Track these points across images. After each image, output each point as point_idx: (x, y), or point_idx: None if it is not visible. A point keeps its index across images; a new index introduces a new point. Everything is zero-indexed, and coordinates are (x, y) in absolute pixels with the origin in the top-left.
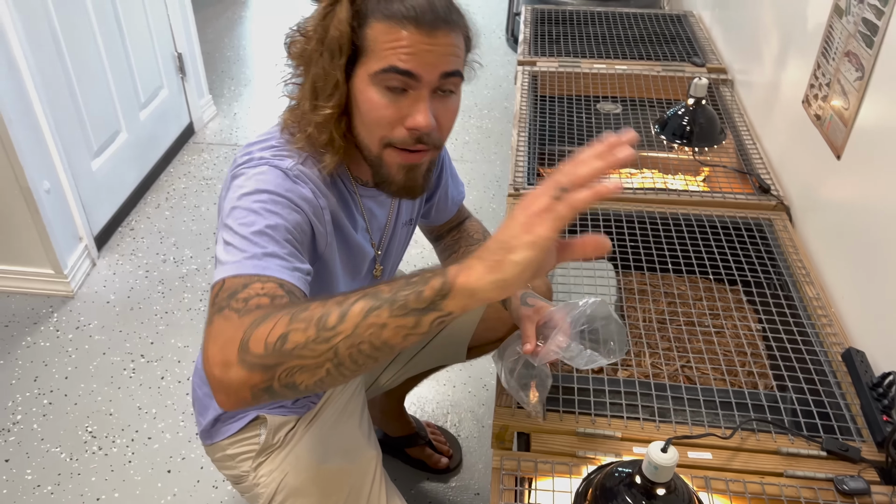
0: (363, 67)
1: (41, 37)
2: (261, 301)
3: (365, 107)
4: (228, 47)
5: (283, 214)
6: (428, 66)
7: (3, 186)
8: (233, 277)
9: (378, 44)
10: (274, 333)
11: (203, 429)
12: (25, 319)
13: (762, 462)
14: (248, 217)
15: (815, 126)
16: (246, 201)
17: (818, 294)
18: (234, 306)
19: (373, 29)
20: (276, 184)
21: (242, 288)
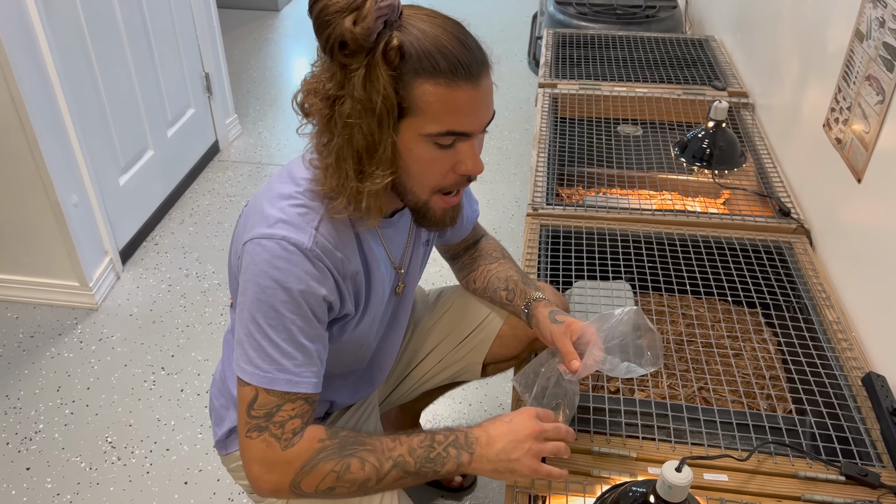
0: (412, 127)
1: (74, 55)
2: (294, 424)
3: (417, 164)
4: (254, 68)
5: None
6: (478, 122)
7: (33, 199)
8: (265, 391)
9: (430, 106)
10: (324, 484)
11: (219, 439)
12: (50, 330)
13: (779, 485)
14: (275, 319)
15: (835, 149)
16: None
17: (838, 318)
18: (274, 432)
19: (421, 90)
20: (298, 276)
21: (276, 410)
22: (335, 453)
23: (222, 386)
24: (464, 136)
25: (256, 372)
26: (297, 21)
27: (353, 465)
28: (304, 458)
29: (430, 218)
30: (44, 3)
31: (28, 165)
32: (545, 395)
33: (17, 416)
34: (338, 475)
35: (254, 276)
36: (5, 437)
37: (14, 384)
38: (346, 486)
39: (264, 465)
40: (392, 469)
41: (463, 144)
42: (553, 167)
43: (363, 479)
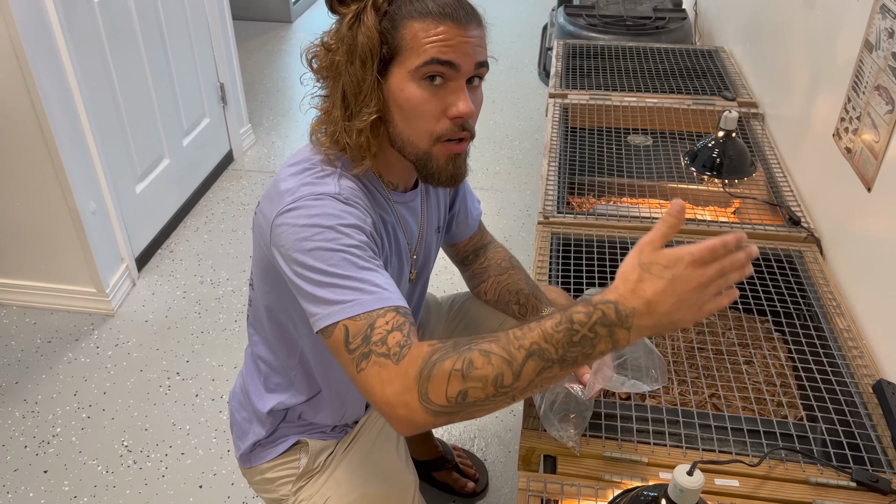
0: (400, 67)
1: (93, 66)
2: (395, 337)
3: (407, 104)
4: (268, 78)
5: (355, 238)
6: (466, 56)
7: (53, 207)
8: (350, 320)
9: (416, 40)
10: (452, 389)
11: (242, 453)
12: (67, 336)
13: (790, 491)
14: (329, 256)
15: (845, 159)
16: (318, 240)
17: (849, 326)
18: (379, 351)
19: (408, 29)
20: (335, 214)
21: (370, 329)
22: (450, 351)
23: (244, 399)
24: (450, 69)
25: (333, 309)
26: (310, 33)
27: (476, 360)
28: (418, 363)
29: (435, 171)
30: (65, 15)
31: (48, 173)
32: (553, 407)
33: (35, 419)
34: (462, 374)
35: (295, 234)
36: (23, 440)
37: (32, 388)
38: (479, 387)
39: (385, 387)
40: (529, 359)
41: (452, 84)
42: (564, 176)
43: (495, 375)
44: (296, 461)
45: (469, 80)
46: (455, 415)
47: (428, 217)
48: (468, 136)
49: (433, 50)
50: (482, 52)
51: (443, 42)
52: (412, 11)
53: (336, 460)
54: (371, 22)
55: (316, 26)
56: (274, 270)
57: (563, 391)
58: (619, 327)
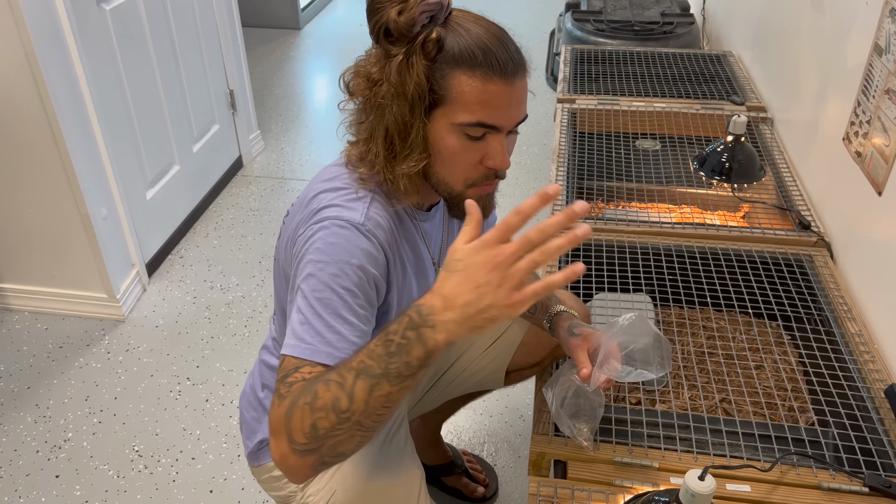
0: (445, 116)
1: (105, 73)
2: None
3: (447, 152)
4: (277, 85)
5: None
6: (509, 117)
7: (65, 213)
8: (292, 357)
9: (464, 96)
10: (305, 424)
11: (250, 451)
12: (79, 341)
13: (802, 496)
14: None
15: (855, 163)
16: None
17: (860, 330)
18: (282, 391)
19: (456, 80)
20: (348, 250)
21: (294, 371)
22: (307, 388)
23: (253, 398)
24: (493, 130)
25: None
26: (318, 39)
27: (319, 390)
28: (287, 403)
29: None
30: (77, 23)
31: (60, 180)
32: (564, 404)
33: (47, 424)
34: (310, 406)
35: (309, 252)
36: (35, 445)
37: (44, 393)
38: (323, 416)
39: (271, 432)
40: (357, 379)
41: (492, 138)
42: (572, 181)
43: (332, 401)
44: None
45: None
46: (317, 451)
47: (450, 232)
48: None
49: (480, 113)
50: (524, 107)
51: (490, 105)
52: (461, 61)
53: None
54: (421, 68)
55: (324, 33)
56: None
57: (573, 386)
58: (424, 327)
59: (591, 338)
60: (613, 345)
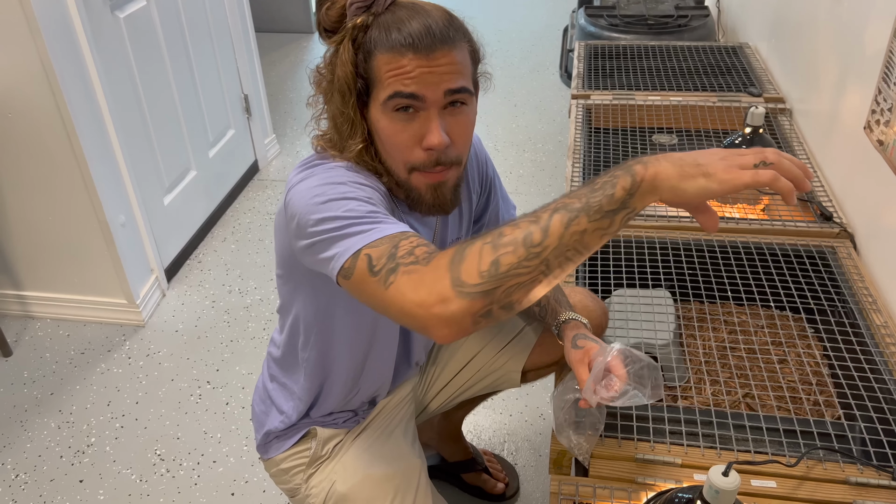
0: (375, 99)
1: (120, 81)
2: (424, 249)
3: (382, 135)
4: (291, 89)
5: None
6: (431, 85)
7: (84, 220)
8: (371, 247)
9: (382, 74)
10: (484, 262)
11: (259, 443)
12: (100, 347)
13: (830, 492)
14: (343, 203)
15: (877, 152)
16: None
17: (886, 322)
18: (407, 261)
19: (377, 61)
20: (346, 175)
21: (395, 248)
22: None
23: (264, 393)
24: (415, 100)
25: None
26: None
27: (504, 229)
28: (449, 254)
29: (417, 199)
30: (92, 31)
31: (78, 188)
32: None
33: (70, 430)
34: (492, 244)
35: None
36: (59, 450)
37: (66, 399)
38: (510, 251)
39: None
40: (554, 214)
41: (423, 114)
42: (588, 177)
43: (524, 236)
44: (307, 451)
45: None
46: (491, 294)
47: (443, 229)
48: (447, 167)
49: (396, 83)
50: (455, 79)
51: (404, 75)
52: (381, 44)
53: (345, 448)
54: (348, 56)
55: None
56: (290, 256)
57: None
58: (636, 164)
59: (592, 352)
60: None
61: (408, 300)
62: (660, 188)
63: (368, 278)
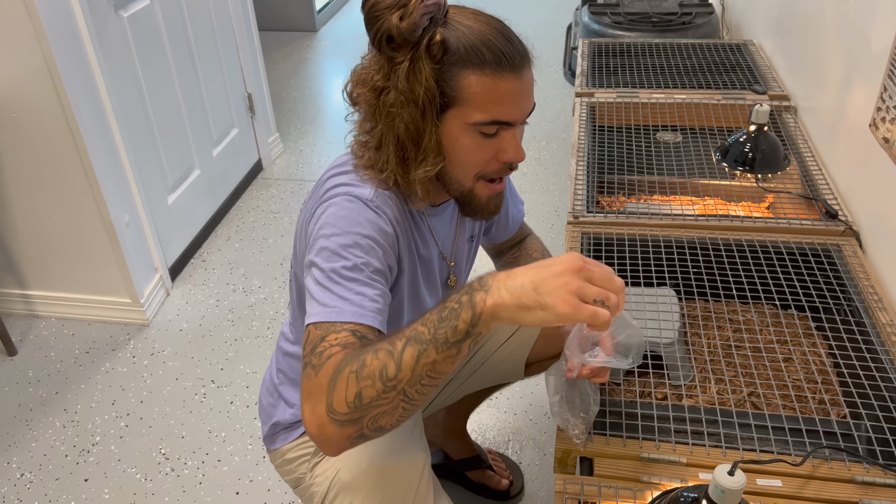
0: (457, 117)
1: (124, 80)
2: (333, 352)
3: (461, 151)
4: (295, 88)
5: (364, 249)
6: (522, 110)
7: (88, 220)
8: (314, 326)
9: (476, 96)
10: (349, 393)
11: (266, 435)
12: (104, 346)
13: (836, 491)
14: (333, 259)
15: (883, 149)
16: (332, 241)
17: (892, 320)
18: (313, 362)
19: (467, 81)
20: (358, 221)
21: (320, 341)
22: (354, 356)
23: (271, 386)
24: (507, 125)
25: (310, 312)
26: (334, 41)
27: (367, 358)
28: (330, 372)
29: (475, 205)
30: (95, 30)
31: (83, 187)
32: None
33: (75, 429)
34: (356, 375)
35: (320, 228)
36: (64, 449)
37: (71, 398)
38: (370, 384)
39: (306, 400)
40: (406, 345)
41: (506, 133)
42: (592, 175)
43: (380, 368)
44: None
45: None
46: (358, 422)
47: (461, 227)
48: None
49: (495, 111)
50: (532, 96)
51: (503, 101)
52: (470, 62)
53: None
54: (429, 71)
55: (341, 34)
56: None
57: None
58: (478, 291)
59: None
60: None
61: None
62: (500, 317)
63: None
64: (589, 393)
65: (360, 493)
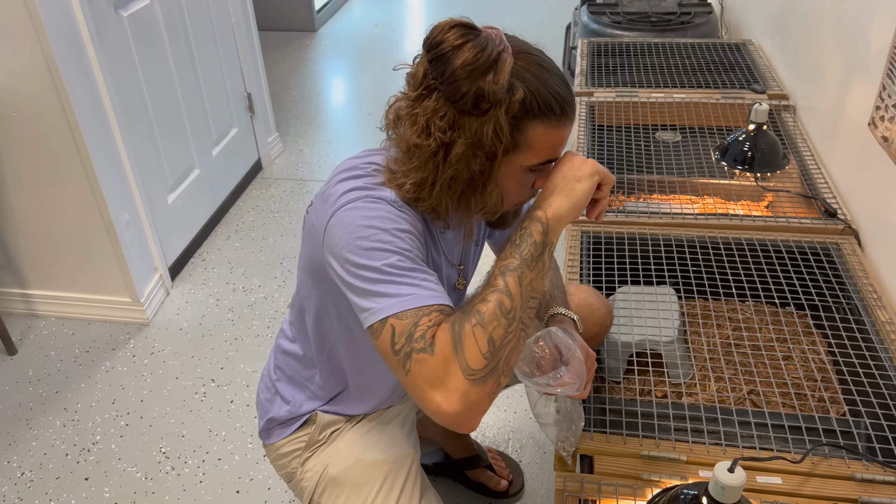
0: (516, 160)
1: (124, 80)
2: (433, 331)
3: (512, 188)
4: (294, 87)
5: (406, 242)
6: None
7: (89, 219)
8: (397, 317)
9: (539, 144)
10: (482, 343)
11: (261, 429)
12: (105, 345)
13: (835, 488)
14: (384, 256)
15: (882, 148)
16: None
17: (891, 318)
18: (419, 346)
19: (534, 131)
20: (391, 218)
21: (414, 327)
22: (462, 316)
23: (267, 380)
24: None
25: (388, 302)
26: (333, 41)
27: (481, 307)
28: (448, 339)
29: (507, 222)
30: (96, 30)
31: (83, 187)
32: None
33: (76, 427)
34: (480, 324)
35: (350, 233)
36: (64, 448)
37: (72, 397)
38: (496, 324)
39: (434, 386)
40: (506, 278)
41: (548, 165)
42: None
43: (498, 307)
44: (305, 435)
45: None
46: (495, 370)
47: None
48: None
49: (551, 153)
50: None
51: (560, 144)
52: (540, 113)
53: (341, 434)
54: (506, 126)
55: (340, 34)
56: (321, 269)
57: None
58: (535, 210)
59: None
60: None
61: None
62: (561, 215)
63: (391, 354)
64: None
65: (346, 487)
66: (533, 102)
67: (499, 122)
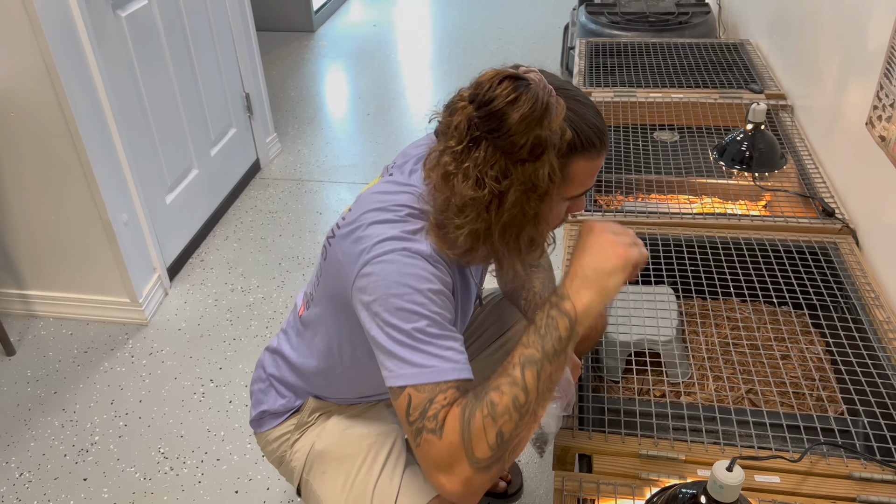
0: (558, 193)
1: (123, 80)
2: (446, 412)
3: (553, 219)
4: (292, 87)
5: (439, 304)
6: None
7: (87, 219)
8: (415, 389)
9: (581, 176)
10: (490, 436)
11: (253, 418)
12: (103, 346)
13: (833, 487)
14: (413, 319)
15: (879, 148)
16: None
17: (888, 317)
18: (430, 426)
19: (577, 165)
20: (426, 278)
21: (429, 403)
22: (474, 402)
23: (262, 372)
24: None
25: (402, 373)
26: (331, 41)
27: (494, 398)
28: (458, 428)
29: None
30: (94, 30)
31: (81, 187)
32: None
33: (74, 428)
34: (491, 416)
35: (385, 288)
36: (63, 448)
37: (70, 398)
38: (507, 419)
39: (440, 469)
40: (524, 370)
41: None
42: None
43: (512, 402)
44: (295, 419)
45: None
46: (501, 459)
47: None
48: None
49: (589, 183)
50: None
51: (596, 174)
52: (583, 149)
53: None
54: (556, 165)
55: (338, 35)
56: (346, 302)
57: None
58: (562, 300)
59: None
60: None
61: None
62: (591, 310)
63: (405, 421)
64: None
65: (331, 462)
66: (577, 140)
67: (551, 164)
